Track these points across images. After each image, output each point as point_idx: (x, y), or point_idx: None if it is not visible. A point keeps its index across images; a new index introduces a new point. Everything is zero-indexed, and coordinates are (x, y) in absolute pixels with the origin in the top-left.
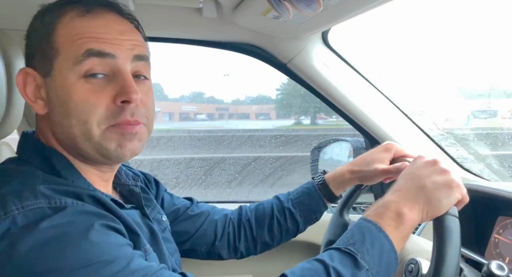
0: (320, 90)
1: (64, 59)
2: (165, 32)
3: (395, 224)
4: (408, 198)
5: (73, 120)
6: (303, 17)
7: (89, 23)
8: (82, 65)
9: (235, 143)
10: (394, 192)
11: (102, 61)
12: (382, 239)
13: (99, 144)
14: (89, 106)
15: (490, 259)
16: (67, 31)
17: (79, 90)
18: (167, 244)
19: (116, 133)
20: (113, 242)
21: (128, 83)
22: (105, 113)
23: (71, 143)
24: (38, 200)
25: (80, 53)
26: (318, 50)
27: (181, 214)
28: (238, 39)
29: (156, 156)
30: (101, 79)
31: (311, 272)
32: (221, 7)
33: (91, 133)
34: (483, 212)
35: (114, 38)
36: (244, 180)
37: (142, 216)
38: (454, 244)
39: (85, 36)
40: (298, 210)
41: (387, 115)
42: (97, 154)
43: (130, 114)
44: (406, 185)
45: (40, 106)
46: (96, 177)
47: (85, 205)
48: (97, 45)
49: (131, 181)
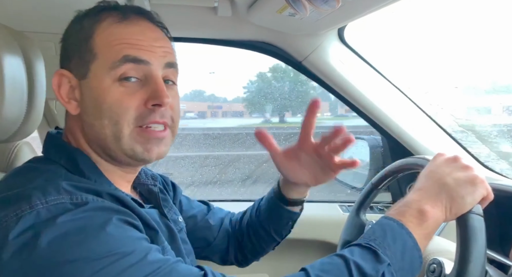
0: (336, 87)
1: (101, 63)
2: (180, 32)
3: (418, 221)
4: (430, 196)
5: (105, 121)
6: (319, 13)
7: (126, 29)
8: (118, 70)
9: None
10: (415, 191)
11: (136, 66)
12: (405, 236)
13: (127, 145)
14: (121, 108)
15: None
16: (106, 36)
17: (113, 92)
18: (183, 244)
19: (142, 137)
20: (130, 235)
21: (160, 88)
22: (135, 115)
23: (101, 143)
24: (61, 195)
25: (118, 59)
26: (334, 47)
27: (199, 220)
28: (253, 38)
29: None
30: (134, 83)
31: (331, 266)
32: (236, 6)
33: (121, 134)
34: (507, 212)
35: (148, 45)
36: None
37: (161, 215)
38: (479, 244)
39: (123, 42)
40: (271, 228)
41: (405, 113)
42: (125, 156)
43: (159, 116)
44: (427, 184)
45: (73, 107)
46: (119, 177)
47: (104, 201)
48: (133, 52)
49: (150, 180)
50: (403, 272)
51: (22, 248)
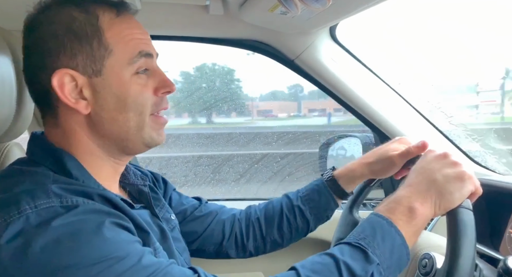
0: (328, 86)
1: (117, 59)
2: (172, 30)
3: (407, 219)
4: (419, 193)
5: (131, 114)
6: (311, 12)
7: (127, 24)
8: (135, 65)
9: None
10: (405, 187)
11: (147, 60)
12: (394, 234)
13: (147, 134)
14: (144, 98)
15: (505, 254)
16: (116, 33)
17: (134, 86)
18: (176, 243)
19: (156, 123)
20: (124, 239)
21: (165, 77)
22: (151, 104)
23: (121, 136)
24: (50, 199)
25: (135, 55)
26: (326, 46)
27: (189, 214)
28: (245, 36)
29: (165, 154)
30: (145, 75)
31: (321, 266)
32: (228, 4)
33: (144, 123)
34: (496, 207)
35: (148, 39)
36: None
37: (152, 215)
38: (469, 237)
39: (134, 38)
40: (308, 207)
41: (397, 110)
42: (142, 144)
43: (166, 102)
44: (417, 180)
45: (83, 106)
46: (107, 175)
47: (95, 204)
48: (145, 47)
49: (140, 180)
50: (391, 269)
51: (13, 255)
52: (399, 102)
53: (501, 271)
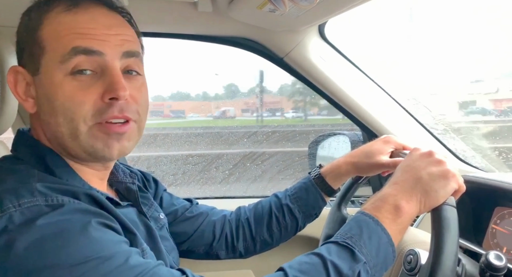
0: (317, 84)
1: (50, 57)
2: (160, 27)
3: (393, 217)
4: (405, 191)
5: (60, 119)
6: (299, 10)
7: (75, 18)
8: (69, 63)
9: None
10: (391, 185)
11: (89, 58)
12: (380, 233)
13: (86, 142)
14: (75, 104)
15: (488, 249)
16: (53, 28)
17: (66, 88)
18: (164, 242)
19: (102, 132)
20: (110, 238)
21: (115, 80)
22: (92, 111)
23: (60, 142)
24: (35, 197)
25: (67, 51)
26: (315, 44)
27: (179, 215)
28: (234, 34)
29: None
30: (89, 76)
31: (309, 266)
32: (217, 1)
33: (77, 132)
34: (480, 203)
35: (101, 33)
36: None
37: (139, 213)
38: (452, 233)
39: (71, 33)
40: (296, 205)
41: (385, 108)
42: (85, 153)
43: (118, 110)
44: (402, 178)
45: (30, 105)
46: (91, 175)
47: (81, 203)
48: (83, 42)
49: (128, 178)
50: (377, 267)
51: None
52: (386, 101)
53: (482, 265)
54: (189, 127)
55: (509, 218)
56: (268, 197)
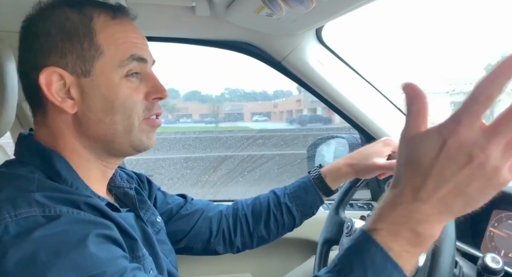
0: (315, 87)
1: (108, 61)
2: (158, 31)
3: (414, 249)
4: (433, 209)
5: (118, 117)
6: (296, 14)
7: (121, 27)
8: (125, 68)
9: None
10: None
11: (139, 64)
12: (389, 271)
13: (135, 136)
14: (133, 102)
15: (486, 252)
16: (109, 34)
17: (123, 89)
18: (162, 245)
19: (148, 126)
20: (105, 255)
21: (159, 83)
22: (142, 108)
23: (108, 138)
24: (32, 208)
25: (125, 58)
26: (312, 47)
27: (175, 213)
28: (232, 38)
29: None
30: (136, 78)
31: None
32: (214, 6)
33: (132, 127)
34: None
35: (143, 43)
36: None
37: (137, 218)
38: (449, 236)
39: (127, 41)
40: (294, 204)
41: (382, 111)
42: (130, 147)
43: (159, 107)
44: (427, 188)
45: (70, 105)
46: (95, 179)
47: (80, 213)
48: (138, 51)
49: (126, 183)
50: None
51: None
52: (384, 104)
53: (479, 268)
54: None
55: (506, 221)
56: (266, 194)
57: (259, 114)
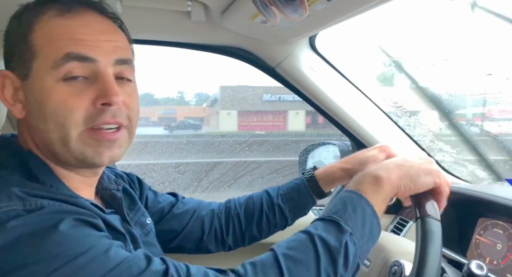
0: (307, 94)
1: (42, 62)
2: (153, 35)
3: (375, 187)
4: (387, 168)
5: (51, 125)
6: (290, 22)
7: (68, 23)
8: (61, 69)
9: None
10: (374, 165)
11: (82, 64)
12: (364, 205)
13: (76, 149)
14: (66, 109)
15: (472, 259)
16: (45, 32)
17: (57, 93)
18: (150, 248)
19: (93, 139)
20: (87, 233)
21: (109, 86)
22: (83, 116)
23: (49, 148)
24: (12, 201)
25: (59, 57)
26: (306, 55)
27: (166, 212)
28: (226, 43)
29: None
30: (81, 82)
31: (297, 242)
32: (210, 11)
33: (68, 138)
34: (464, 214)
35: (94, 39)
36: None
37: (122, 221)
38: (435, 246)
39: (64, 38)
40: (287, 205)
41: (373, 119)
42: (75, 160)
43: (111, 116)
44: (387, 161)
45: (19, 110)
46: (79, 182)
47: (62, 205)
48: (76, 48)
49: (113, 185)
50: (364, 239)
51: None
52: (374, 111)
53: (465, 274)
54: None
55: (492, 229)
56: (259, 193)
57: (193, 118)
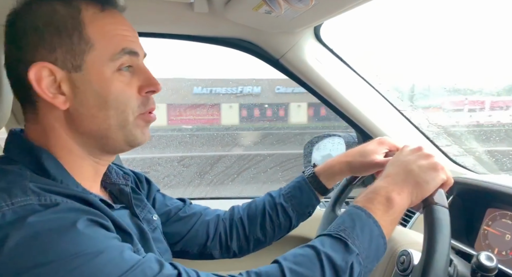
0: (312, 85)
1: (99, 55)
2: (156, 27)
3: (385, 208)
4: (396, 183)
5: (111, 112)
6: (295, 12)
7: (111, 20)
8: (117, 62)
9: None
10: (383, 178)
11: (130, 57)
12: (372, 225)
13: (129, 131)
14: (126, 97)
15: (480, 250)
16: (99, 27)
17: (116, 83)
18: (157, 244)
19: (143, 121)
20: (102, 233)
21: (151, 76)
22: (137, 103)
23: (101, 134)
24: (28, 196)
25: (117, 51)
26: (311, 45)
27: (172, 215)
28: (230, 35)
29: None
30: (129, 72)
31: (303, 258)
32: (213, 2)
33: (126, 122)
34: (472, 205)
35: (133, 36)
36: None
37: (132, 215)
38: (444, 234)
39: (115, 34)
40: (290, 204)
41: (379, 110)
42: (124, 142)
43: (153, 102)
44: (394, 171)
45: (61, 101)
46: (88, 175)
47: (74, 203)
48: (129, 44)
49: (122, 180)
50: (370, 259)
51: None
52: (381, 102)
53: (474, 266)
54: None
55: (500, 220)
56: (262, 196)
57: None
